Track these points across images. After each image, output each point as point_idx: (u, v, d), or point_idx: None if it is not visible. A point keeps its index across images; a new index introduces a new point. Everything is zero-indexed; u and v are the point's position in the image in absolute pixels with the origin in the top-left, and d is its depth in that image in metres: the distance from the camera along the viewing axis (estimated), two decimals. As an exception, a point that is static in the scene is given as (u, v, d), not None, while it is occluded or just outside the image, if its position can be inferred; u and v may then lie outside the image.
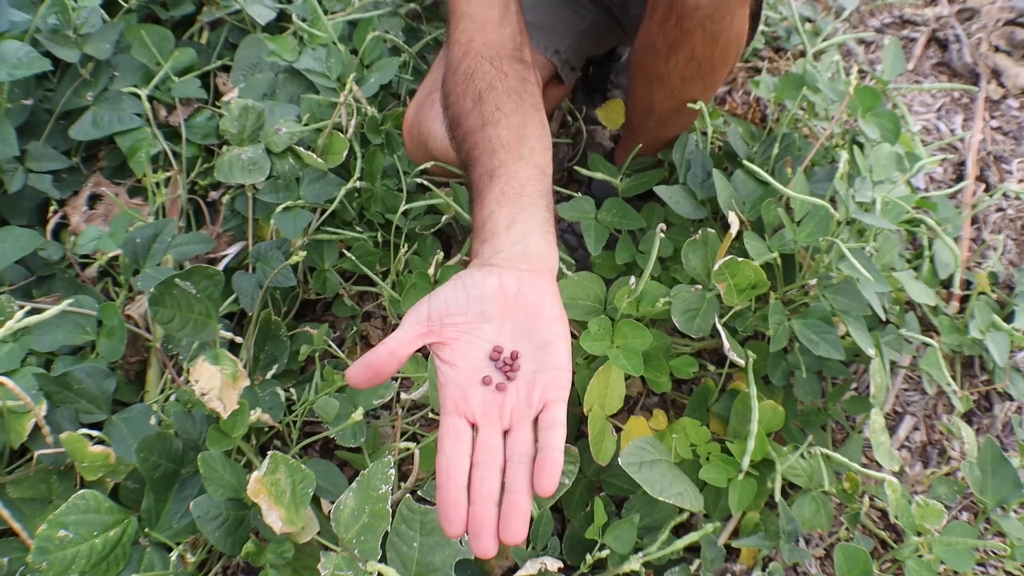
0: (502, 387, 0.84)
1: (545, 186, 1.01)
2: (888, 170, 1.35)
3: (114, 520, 1.09)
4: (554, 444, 0.79)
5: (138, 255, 1.41)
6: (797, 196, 1.17)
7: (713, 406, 1.33)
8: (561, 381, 0.84)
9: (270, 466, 1.04)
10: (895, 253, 1.36)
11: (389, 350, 0.85)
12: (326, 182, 1.47)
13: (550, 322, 0.88)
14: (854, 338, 1.17)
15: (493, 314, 0.88)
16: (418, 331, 0.86)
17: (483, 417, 0.83)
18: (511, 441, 0.82)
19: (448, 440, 0.81)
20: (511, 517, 0.76)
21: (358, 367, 0.84)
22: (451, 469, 0.79)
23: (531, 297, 0.89)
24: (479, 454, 0.81)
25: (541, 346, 0.86)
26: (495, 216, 0.96)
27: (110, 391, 1.25)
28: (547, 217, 0.98)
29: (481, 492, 0.78)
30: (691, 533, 1.10)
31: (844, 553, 0.98)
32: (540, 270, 0.91)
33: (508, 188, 0.98)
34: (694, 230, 1.26)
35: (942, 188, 1.99)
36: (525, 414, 0.83)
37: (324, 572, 0.99)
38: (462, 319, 0.87)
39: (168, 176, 1.62)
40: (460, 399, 0.84)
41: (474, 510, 0.77)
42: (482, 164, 1.01)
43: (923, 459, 1.58)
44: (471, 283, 0.89)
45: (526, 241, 0.93)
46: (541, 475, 0.77)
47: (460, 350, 0.86)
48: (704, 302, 1.18)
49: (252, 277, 1.39)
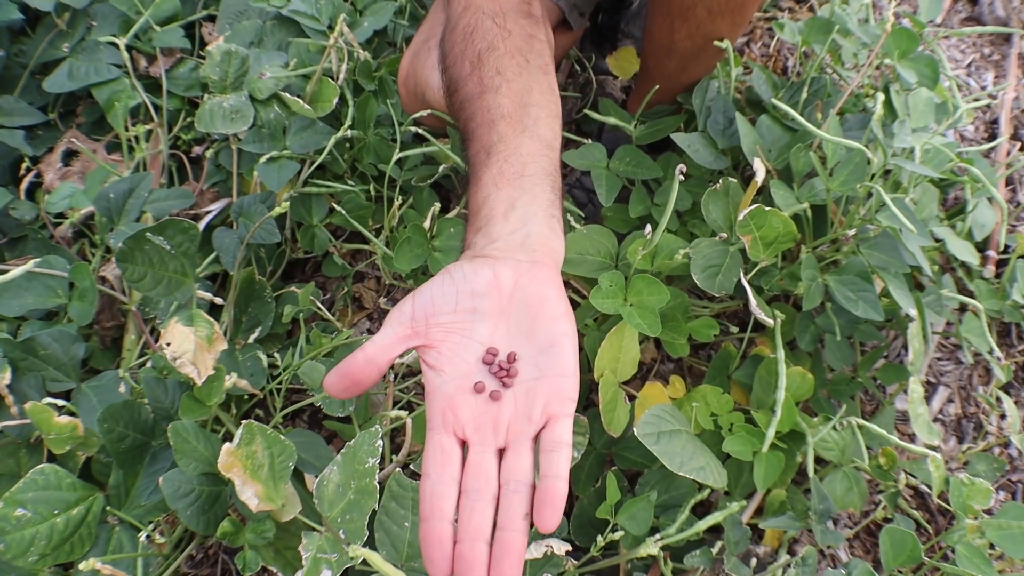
0: (497, 396, 0.74)
1: (551, 162, 0.89)
2: (927, 117, 1.23)
3: (77, 497, 1.00)
4: (558, 471, 0.69)
5: (112, 211, 1.30)
6: (832, 139, 1.06)
7: (734, 373, 1.22)
8: (567, 391, 0.73)
9: (244, 437, 0.93)
10: (934, 207, 1.24)
11: (368, 357, 0.75)
12: (314, 131, 1.35)
13: (554, 321, 0.76)
14: (894, 297, 1.06)
15: (487, 311, 0.77)
16: (401, 333, 0.76)
17: (474, 433, 0.72)
18: (507, 464, 0.71)
19: (433, 463, 0.71)
20: (503, 561, 0.66)
21: (334, 375, 0.75)
22: (435, 500, 0.69)
23: (531, 291, 0.77)
24: (469, 479, 0.70)
25: (543, 349, 0.75)
26: (491, 200, 0.84)
27: (78, 357, 1.16)
28: (552, 199, 0.86)
29: (469, 527, 0.67)
30: (713, 513, 1.00)
31: (890, 537, 0.87)
32: (542, 261, 0.80)
33: (507, 167, 0.86)
34: (714, 181, 1.15)
35: (973, 147, 1.87)
36: (524, 431, 0.72)
37: (305, 555, 0.89)
38: (451, 318, 0.77)
39: (149, 130, 1.51)
40: (448, 411, 0.73)
41: (460, 550, 0.67)
42: (479, 138, 0.90)
43: (957, 434, 1.46)
44: (461, 276, 0.78)
45: (526, 228, 0.82)
46: (542, 509, 0.67)
47: (448, 353, 0.76)
48: (727, 257, 1.06)
49: (234, 233, 1.28)
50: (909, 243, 1.02)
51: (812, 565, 0.94)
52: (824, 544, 0.96)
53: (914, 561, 0.86)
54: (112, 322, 1.38)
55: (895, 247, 1.10)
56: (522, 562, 0.66)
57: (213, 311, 1.30)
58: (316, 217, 1.36)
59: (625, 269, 1.05)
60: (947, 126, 1.26)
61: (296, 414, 1.38)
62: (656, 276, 1.02)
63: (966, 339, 1.28)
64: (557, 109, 0.95)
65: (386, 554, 0.93)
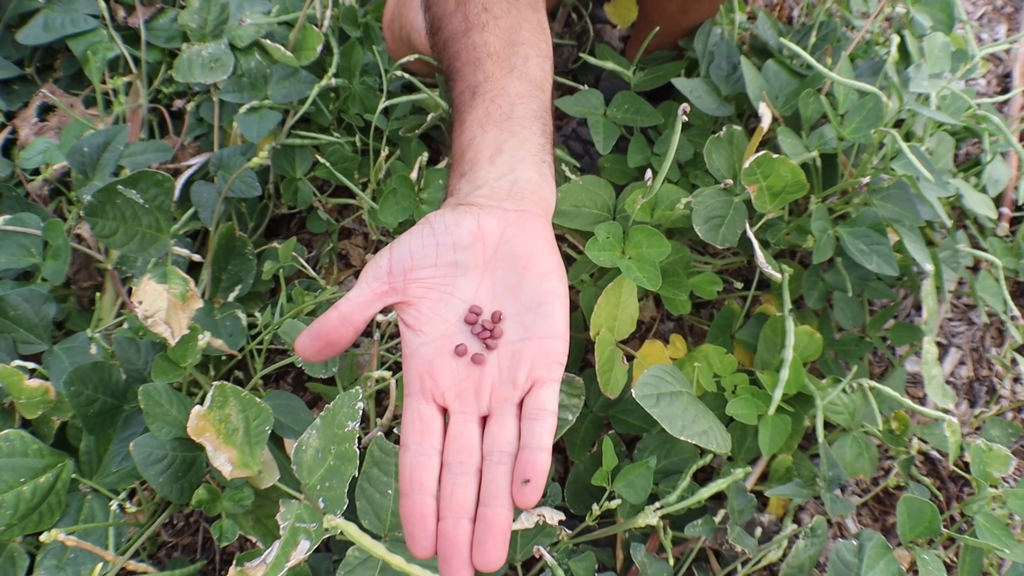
0: (480, 359, 0.68)
1: (541, 104, 0.83)
2: (943, 62, 1.16)
3: (45, 464, 0.95)
4: (540, 442, 0.64)
5: (86, 166, 1.25)
6: (845, 82, 0.99)
7: (738, 332, 1.16)
8: (554, 354, 0.68)
9: (216, 399, 0.88)
10: (949, 158, 1.18)
11: (342, 315, 0.69)
12: (297, 80, 1.29)
13: (543, 277, 0.70)
14: (909, 251, 0.99)
15: (470, 265, 0.71)
16: (377, 289, 0.70)
17: (455, 399, 0.67)
18: (490, 434, 0.66)
19: (412, 432, 0.66)
20: (486, 540, 0.61)
21: (306, 337, 0.69)
22: (415, 472, 0.64)
23: (519, 244, 0.71)
24: (451, 451, 0.65)
25: (531, 307, 0.70)
26: (477, 143, 0.78)
27: (49, 317, 1.11)
28: (542, 143, 0.80)
29: (452, 504, 0.63)
30: (715, 480, 0.94)
31: (907, 507, 0.81)
32: (531, 210, 0.74)
33: (494, 108, 0.79)
34: (717, 131, 1.08)
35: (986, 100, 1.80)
36: (508, 397, 0.67)
37: (283, 524, 0.84)
38: (431, 272, 0.71)
39: (128, 82, 1.45)
40: (427, 375, 0.68)
41: (444, 528, 0.62)
42: (464, 78, 0.83)
43: (969, 397, 1.41)
44: (442, 227, 0.72)
45: (514, 174, 0.75)
46: (522, 485, 0.62)
47: (428, 312, 0.70)
48: (731, 208, 1.00)
49: (212, 187, 1.22)
50: (927, 193, 0.96)
51: (822, 536, 0.88)
52: (834, 514, 0.91)
53: (932, 533, 0.80)
54: (89, 282, 1.33)
55: (909, 198, 1.04)
56: (507, 540, 0.62)
57: (194, 270, 1.24)
58: (299, 170, 1.30)
59: (623, 222, 0.98)
60: (963, 73, 1.19)
61: (280, 376, 1.32)
62: (656, 229, 0.96)
63: (981, 298, 1.22)
64: (548, 49, 0.88)
65: (368, 523, 0.88)
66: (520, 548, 0.91)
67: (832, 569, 0.83)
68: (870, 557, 0.76)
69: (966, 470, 1.25)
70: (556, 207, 1.03)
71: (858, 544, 0.84)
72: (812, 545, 0.88)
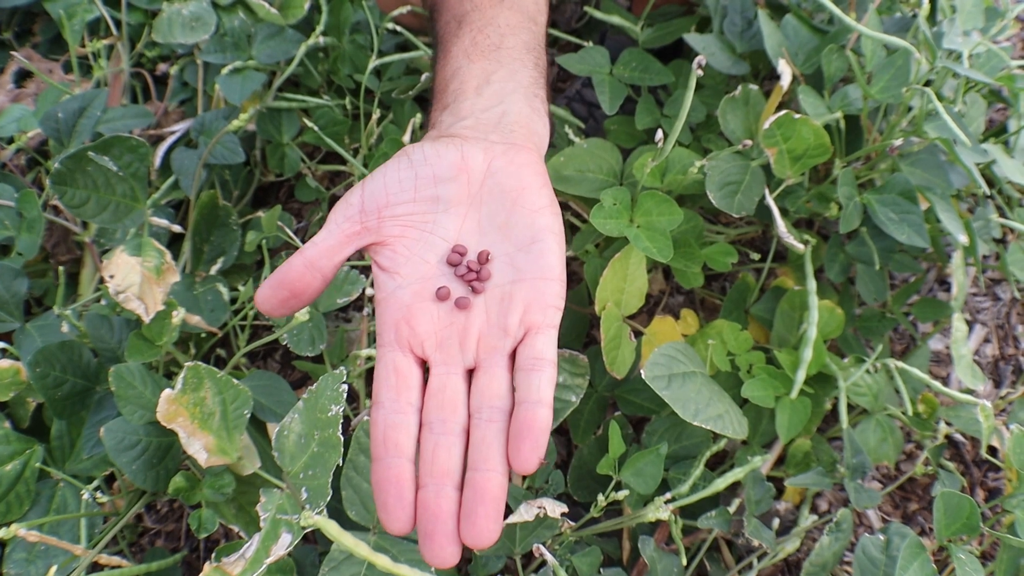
0: (464, 303, 0.60)
1: (534, 37, 0.76)
2: (975, 19, 1.08)
3: (12, 451, 0.89)
4: (539, 396, 0.55)
5: (61, 133, 1.17)
6: (875, 35, 0.91)
7: (753, 307, 1.08)
8: (550, 297, 0.59)
9: (189, 381, 0.81)
10: (982, 122, 1.10)
11: (307, 261, 0.61)
12: (283, 39, 1.21)
13: (535, 213, 0.62)
14: (942, 220, 0.92)
15: (453, 199, 0.63)
16: (348, 230, 0.62)
17: (436, 350, 0.59)
18: (478, 387, 0.57)
19: (385, 387, 0.57)
20: (476, 509, 0.51)
21: (267, 288, 0.61)
22: (389, 432, 0.55)
23: (507, 177, 0.64)
24: (431, 408, 0.57)
25: (522, 246, 0.61)
26: (462, 74, 0.71)
27: (21, 293, 1.03)
28: (535, 77, 0.73)
29: (434, 468, 0.54)
30: (728, 464, 0.87)
31: (945, 501, 0.74)
32: (521, 144, 0.66)
33: (481, 37, 0.73)
34: (731, 91, 1.01)
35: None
36: (497, 345, 0.58)
37: (264, 515, 0.77)
38: (408, 208, 0.63)
39: (109, 45, 1.38)
40: (403, 322, 0.59)
41: (424, 497, 0.53)
42: (450, 8, 0.76)
43: (995, 377, 1.33)
44: (420, 158, 0.64)
45: (503, 105, 0.68)
46: (519, 442, 0.53)
47: (405, 252, 0.62)
48: (748, 173, 0.92)
49: (193, 153, 1.15)
50: (963, 157, 0.88)
51: (847, 531, 0.82)
52: (859, 505, 0.84)
53: (970, 530, 0.73)
54: (68, 256, 1.27)
55: (940, 165, 0.96)
56: (502, 509, 0.52)
57: (177, 243, 1.17)
58: (286, 135, 1.22)
59: (631, 188, 0.91)
60: (997, 31, 1.11)
61: (268, 354, 1.26)
62: (667, 195, 0.88)
63: (1012, 272, 1.14)
64: None
65: (356, 514, 0.82)
66: (520, 541, 0.84)
67: (858, 566, 0.77)
68: (904, 558, 0.69)
69: (991, 454, 1.19)
70: (559, 173, 0.96)
71: (885, 539, 0.78)
72: (837, 541, 0.81)
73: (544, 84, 0.75)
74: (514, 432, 0.54)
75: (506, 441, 0.54)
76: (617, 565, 0.96)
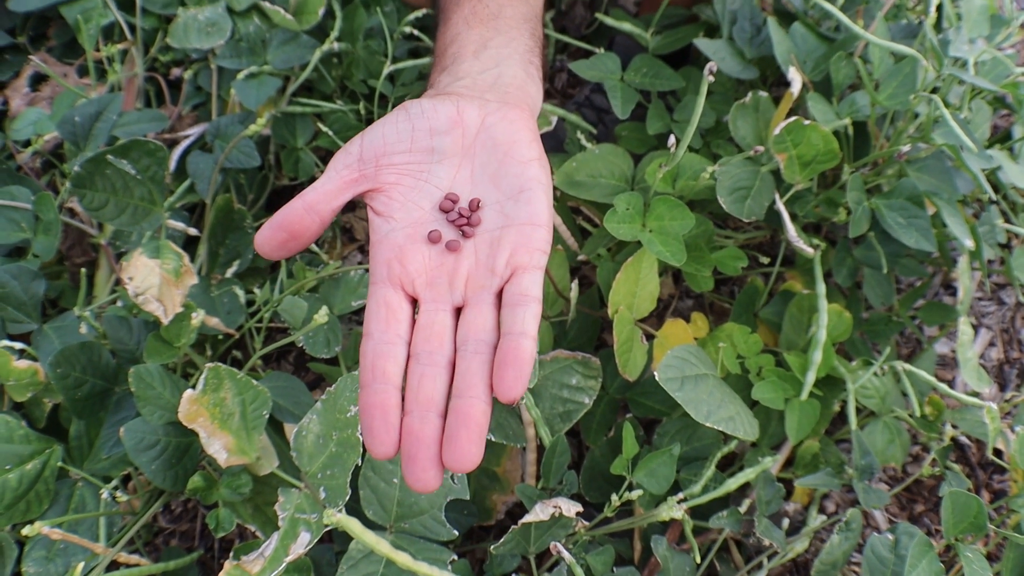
0: (455, 246, 0.62)
1: (531, 9, 0.80)
2: (981, 27, 1.09)
3: (32, 451, 0.90)
4: (523, 328, 0.57)
5: (77, 136, 1.19)
6: (882, 43, 0.92)
7: (761, 311, 1.10)
8: (536, 241, 0.62)
9: (210, 382, 0.83)
10: (986, 129, 1.11)
11: (307, 204, 0.63)
12: (298, 44, 1.22)
13: (524, 164, 0.65)
14: (948, 225, 0.93)
15: (447, 151, 0.66)
16: (346, 177, 0.64)
17: (426, 288, 0.61)
18: (465, 322, 0.59)
19: (376, 320, 0.59)
20: (459, 433, 0.53)
21: (267, 229, 0.63)
22: (378, 360, 0.57)
23: (500, 131, 0.67)
24: (419, 341, 0.58)
25: (511, 195, 0.64)
26: (461, 39, 0.75)
27: (39, 295, 1.05)
28: (530, 46, 0.76)
29: (419, 396, 0.55)
30: (738, 465, 0.88)
31: (953, 500, 0.75)
32: (514, 103, 0.69)
33: (480, 7, 0.77)
34: (740, 97, 1.02)
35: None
36: (486, 284, 0.61)
37: (282, 515, 0.79)
38: (405, 158, 0.66)
39: (123, 50, 1.39)
40: (395, 261, 0.62)
41: (409, 422, 0.55)
42: None
43: (1000, 380, 1.35)
44: (418, 112, 0.67)
45: (499, 68, 0.72)
46: (503, 371, 0.55)
47: (400, 198, 0.65)
48: (758, 178, 0.94)
49: (209, 157, 1.16)
50: (970, 163, 0.89)
51: (857, 530, 0.83)
52: (868, 505, 0.85)
53: (978, 529, 0.74)
54: (83, 258, 1.28)
55: (947, 170, 0.97)
56: (484, 435, 0.54)
57: (191, 245, 1.19)
58: (301, 140, 1.24)
59: (643, 193, 0.92)
60: (1002, 38, 1.12)
61: (281, 356, 1.27)
62: (679, 200, 0.90)
63: (1016, 277, 1.15)
64: None
65: (373, 513, 0.83)
66: (535, 540, 0.86)
67: (867, 565, 0.78)
68: (913, 556, 0.70)
69: (996, 456, 1.20)
70: (571, 178, 0.98)
71: (894, 539, 0.79)
72: (847, 540, 0.83)
73: (540, 54, 0.78)
74: (498, 361, 0.55)
75: (490, 371, 0.56)
76: (629, 564, 0.97)
